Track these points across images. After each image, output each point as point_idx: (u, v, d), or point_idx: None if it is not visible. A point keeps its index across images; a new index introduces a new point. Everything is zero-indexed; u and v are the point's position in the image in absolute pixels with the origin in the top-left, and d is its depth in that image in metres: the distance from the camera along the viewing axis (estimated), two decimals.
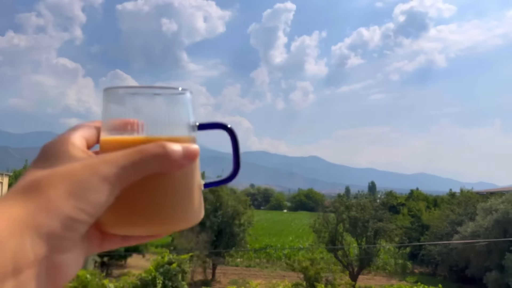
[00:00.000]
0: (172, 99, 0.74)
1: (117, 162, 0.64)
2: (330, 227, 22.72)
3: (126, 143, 0.70)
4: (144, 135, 0.71)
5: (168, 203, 0.71)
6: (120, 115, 0.72)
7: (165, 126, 0.72)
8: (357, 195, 25.08)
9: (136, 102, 0.72)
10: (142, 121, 0.71)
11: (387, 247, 24.35)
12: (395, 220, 24.03)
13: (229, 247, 24.34)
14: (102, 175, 0.62)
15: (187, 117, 0.75)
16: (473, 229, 22.56)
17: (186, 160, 0.69)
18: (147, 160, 0.65)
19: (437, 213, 29.27)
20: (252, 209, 26.61)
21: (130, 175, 0.64)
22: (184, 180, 0.73)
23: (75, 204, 0.60)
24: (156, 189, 0.70)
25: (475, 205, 25.60)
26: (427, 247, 26.56)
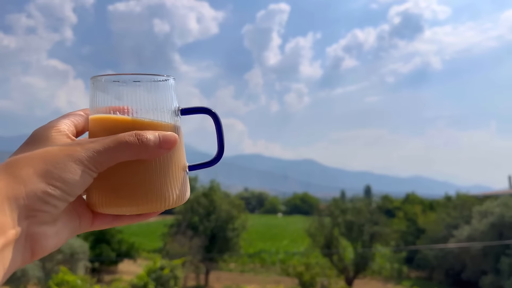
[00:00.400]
0: (153, 85, 0.78)
1: (93, 147, 0.70)
2: (325, 231, 22.54)
3: (113, 122, 0.76)
4: (129, 117, 0.77)
5: (148, 184, 0.75)
6: (106, 102, 0.77)
7: (147, 112, 0.77)
8: (353, 199, 24.97)
9: (119, 89, 0.77)
10: (128, 107, 0.77)
11: (382, 251, 24.19)
12: (391, 224, 23.91)
13: (222, 252, 24.02)
14: (76, 157, 0.69)
15: (169, 103, 0.80)
16: (468, 233, 22.57)
17: (162, 148, 0.74)
18: (121, 148, 0.71)
19: (433, 216, 29.16)
20: (246, 213, 26.35)
21: (105, 160, 0.71)
22: (163, 163, 0.77)
23: (49, 181, 0.67)
24: (137, 172, 0.75)
25: (471, 208, 25.57)
26: (423, 251, 26.46)
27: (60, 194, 0.67)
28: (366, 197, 27.31)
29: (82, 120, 0.81)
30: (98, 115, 0.78)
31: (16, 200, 0.64)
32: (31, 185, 0.65)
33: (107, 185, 0.75)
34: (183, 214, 24.76)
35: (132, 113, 0.77)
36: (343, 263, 22.37)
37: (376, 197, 27.06)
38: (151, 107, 0.77)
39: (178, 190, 0.79)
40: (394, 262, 29.06)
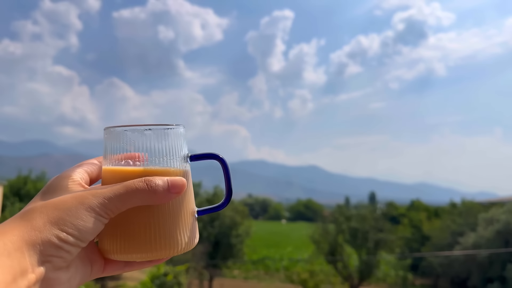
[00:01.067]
0: (164, 133, 0.83)
1: (103, 194, 0.75)
2: (330, 238, 22.42)
3: (125, 173, 0.81)
4: (141, 167, 0.82)
5: (158, 230, 0.79)
6: (118, 151, 0.84)
7: (158, 158, 0.83)
8: (357, 206, 24.83)
9: (131, 138, 0.83)
10: (139, 154, 0.83)
11: (387, 258, 24.01)
12: (396, 231, 23.73)
13: (226, 258, 23.93)
14: (88, 204, 0.74)
15: (179, 150, 0.84)
16: (474, 240, 22.42)
17: (170, 194, 0.79)
18: (131, 194, 0.76)
19: (438, 223, 28.96)
20: (249, 220, 26.26)
21: (115, 207, 0.75)
22: (172, 209, 0.81)
23: (63, 228, 0.73)
24: (146, 218, 0.79)
25: (476, 215, 25.42)
26: (428, 258, 26.26)
27: (73, 240, 0.73)
28: (370, 203, 27.17)
29: (95, 169, 0.87)
30: (110, 166, 0.83)
31: (33, 246, 0.71)
32: (45, 232, 0.72)
33: (118, 232, 0.78)
34: None
35: (144, 160, 0.82)
36: (348, 270, 22.21)
37: (380, 204, 26.90)
38: (162, 154, 0.82)
39: (188, 236, 0.84)
40: (399, 270, 28.81)
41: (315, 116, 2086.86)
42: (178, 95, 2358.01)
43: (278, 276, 30.01)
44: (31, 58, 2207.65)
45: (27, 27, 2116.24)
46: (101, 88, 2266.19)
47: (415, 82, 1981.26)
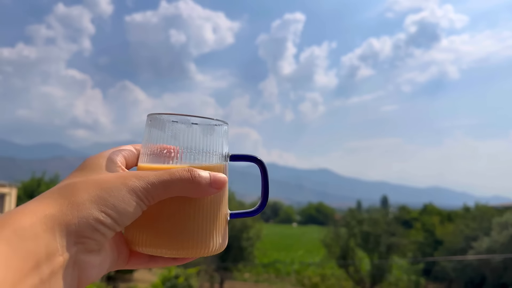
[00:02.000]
0: (209, 129, 0.81)
1: (147, 179, 0.72)
2: (341, 242, 22.30)
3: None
4: (178, 163, 0.79)
5: (191, 228, 0.76)
6: (160, 140, 0.80)
7: (200, 154, 0.80)
8: (369, 209, 24.63)
9: (175, 129, 0.80)
10: (178, 148, 0.80)
11: (399, 262, 23.80)
12: (408, 235, 23.50)
13: (237, 261, 23.91)
14: (131, 186, 0.70)
15: (221, 147, 0.82)
16: (488, 245, 22.13)
17: (212, 187, 0.76)
18: (175, 181, 0.73)
19: (451, 228, 28.61)
20: (260, 223, 26.20)
21: (158, 192, 0.72)
22: (209, 207, 0.78)
23: (103, 208, 0.68)
24: (181, 213, 0.76)
25: (490, 219, 25.10)
26: (441, 263, 25.96)
27: (110, 222, 0.68)
28: (382, 207, 26.95)
29: (132, 155, 0.83)
30: (147, 164, 0.80)
31: (67, 226, 0.66)
32: (84, 211, 0.66)
33: (149, 222, 0.75)
34: None
35: (182, 156, 0.79)
36: (359, 275, 22.05)
37: (393, 208, 26.68)
38: (204, 150, 0.80)
39: (221, 238, 0.79)
40: (412, 274, 28.47)
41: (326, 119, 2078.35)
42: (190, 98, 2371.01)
43: (289, 279, 29.90)
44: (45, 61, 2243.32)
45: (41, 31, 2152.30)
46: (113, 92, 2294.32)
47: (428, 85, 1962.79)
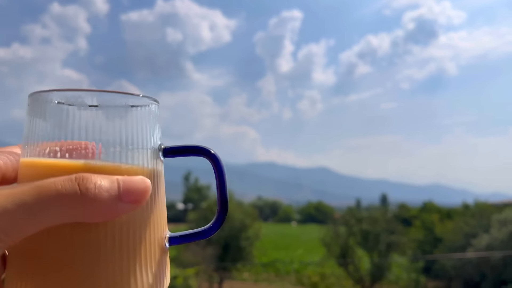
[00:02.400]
0: (121, 112, 0.49)
1: (4, 206, 0.40)
2: (341, 241, 22.39)
3: (53, 170, 0.46)
4: (80, 161, 0.47)
5: (100, 270, 0.45)
6: (46, 136, 0.49)
7: (110, 151, 0.49)
8: (369, 208, 24.75)
9: (67, 115, 0.48)
10: (86, 144, 0.49)
11: (399, 260, 23.90)
12: (408, 233, 23.61)
13: (236, 261, 23.98)
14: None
15: (145, 139, 0.51)
16: (487, 242, 22.27)
17: (124, 201, 0.44)
18: (49, 203, 0.40)
19: (451, 225, 28.71)
20: (259, 222, 26.27)
21: (17, 229, 0.40)
22: (126, 234, 0.46)
23: None
24: (80, 248, 0.44)
25: (490, 216, 25.21)
26: (440, 260, 26.05)
27: None
28: (382, 205, 27.05)
29: (12, 162, 0.53)
30: (31, 158, 0.48)
31: None
32: None
33: (29, 268, 0.45)
34: (196, 223, 24.79)
35: (93, 152, 0.48)
36: (359, 273, 22.13)
37: (392, 206, 26.76)
38: (117, 144, 0.48)
39: (152, 278, 0.48)
40: (411, 272, 28.50)
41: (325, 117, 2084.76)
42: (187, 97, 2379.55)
43: (289, 279, 29.91)
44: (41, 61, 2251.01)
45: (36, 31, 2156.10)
46: None
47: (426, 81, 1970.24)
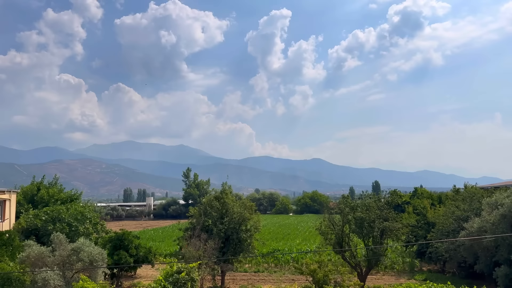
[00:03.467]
0: None
1: None
2: (337, 229, 22.73)
3: None
4: None
5: None
6: None
7: None
8: (362, 196, 25.03)
9: None
10: None
11: (394, 246, 24.30)
12: (401, 218, 23.98)
13: (236, 253, 24.40)
14: None
15: None
16: (479, 225, 22.36)
17: None
18: None
19: (442, 210, 29.28)
20: (258, 214, 26.70)
21: None
22: None
23: None
24: None
25: (480, 200, 25.54)
26: (434, 244, 26.54)
27: None
28: (374, 193, 27.46)
29: None
30: None
31: None
32: None
33: None
34: (197, 218, 25.25)
35: None
36: (355, 260, 22.58)
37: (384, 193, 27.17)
38: None
39: None
40: (406, 257, 29.20)
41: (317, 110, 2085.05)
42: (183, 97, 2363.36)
43: (288, 268, 30.56)
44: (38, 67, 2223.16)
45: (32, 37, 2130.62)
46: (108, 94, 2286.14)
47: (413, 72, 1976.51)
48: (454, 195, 32.10)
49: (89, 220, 26.94)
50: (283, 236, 47.86)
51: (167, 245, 39.02)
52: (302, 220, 74.80)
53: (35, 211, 27.09)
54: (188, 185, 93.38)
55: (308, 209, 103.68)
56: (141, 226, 70.46)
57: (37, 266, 17.56)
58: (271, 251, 34.78)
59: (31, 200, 31.31)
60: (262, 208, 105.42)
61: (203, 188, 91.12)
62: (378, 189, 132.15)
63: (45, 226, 24.58)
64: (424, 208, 33.17)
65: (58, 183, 35.18)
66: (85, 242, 18.97)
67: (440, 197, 38.78)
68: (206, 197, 29.46)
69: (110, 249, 24.23)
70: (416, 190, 45.90)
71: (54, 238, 18.61)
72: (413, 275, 27.61)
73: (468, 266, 24.61)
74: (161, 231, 56.64)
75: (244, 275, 28.73)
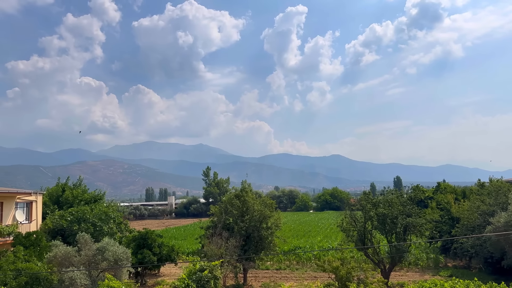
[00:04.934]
0: None
1: None
2: (358, 226, 22.53)
3: None
4: None
5: None
6: None
7: None
8: (383, 191, 24.70)
9: None
10: None
11: (417, 242, 23.98)
12: (424, 214, 23.57)
13: (258, 251, 24.45)
14: None
15: None
16: (506, 219, 21.76)
17: None
18: None
19: (467, 205, 28.63)
20: (278, 212, 26.69)
21: None
22: None
23: None
24: None
25: (507, 194, 24.93)
26: (459, 240, 26.06)
27: None
28: (396, 188, 27.05)
29: None
30: None
31: None
32: None
33: None
34: (218, 216, 25.41)
35: None
36: (379, 256, 22.35)
37: (407, 188, 26.72)
38: None
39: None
40: (430, 253, 28.60)
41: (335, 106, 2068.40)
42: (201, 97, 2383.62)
43: (310, 265, 30.44)
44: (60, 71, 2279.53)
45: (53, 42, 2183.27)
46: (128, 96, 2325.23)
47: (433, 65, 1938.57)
48: (479, 189, 31.35)
49: (113, 220, 27.39)
50: (304, 234, 47.68)
51: (189, 243, 39.39)
52: (323, 217, 74.37)
53: (60, 212, 27.71)
54: (208, 184, 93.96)
55: (328, 206, 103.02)
56: (163, 225, 71.29)
57: (64, 265, 17.98)
58: (292, 248, 34.72)
59: (57, 201, 32.02)
60: (282, 205, 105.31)
61: (223, 186, 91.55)
62: (400, 184, 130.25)
63: (71, 227, 25.12)
64: (448, 203, 32.53)
65: (82, 184, 35.91)
66: (110, 241, 19.32)
67: (464, 192, 37.90)
68: (226, 196, 29.60)
69: (134, 248, 24.60)
70: (439, 184, 44.96)
71: (80, 238, 19.00)
72: (438, 271, 27.15)
73: (495, 262, 24.06)
74: (183, 230, 57.18)
75: (266, 272, 28.78)
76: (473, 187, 38.11)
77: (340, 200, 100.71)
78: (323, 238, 41.64)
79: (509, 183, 29.62)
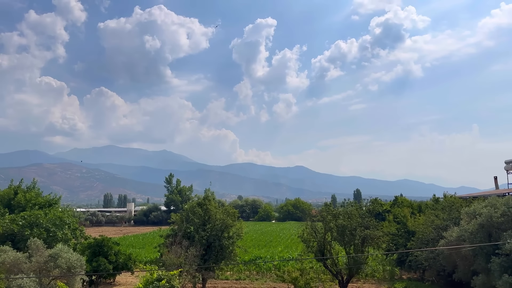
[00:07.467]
0: None
1: None
2: (319, 237, 22.80)
3: None
4: None
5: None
6: None
7: None
8: (344, 203, 25.17)
9: None
10: None
11: (374, 254, 24.52)
12: (382, 227, 24.18)
13: (218, 260, 24.20)
14: None
15: None
16: (458, 234, 22.60)
17: None
18: None
19: (422, 219, 29.62)
20: (241, 221, 26.57)
21: None
22: None
23: None
24: None
25: (459, 209, 25.90)
26: (414, 253, 26.80)
27: None
28: (355, 201, 27.64)
29: None
30: None
31: None
32: None
33: None
34: (179, 225, 24.98)
35: None
36: (337, 268, 22.66)
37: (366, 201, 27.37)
38: None
39: None
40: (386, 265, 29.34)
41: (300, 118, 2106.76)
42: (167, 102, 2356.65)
43: (270, 275, 30.45)
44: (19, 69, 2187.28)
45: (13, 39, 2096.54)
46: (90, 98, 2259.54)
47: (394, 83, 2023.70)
48: (434, 204, 32.54)
49: (68, 226, 26.39)
50: (265, 244, 47.72)
51: (147, 252, 38.47)
52: (285, 227, 74.81)
53: (11, 216, 26.39)
54: (170, 191, 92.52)
55: (290, 217, 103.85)
56: (121, 232, 69.38)
57: (13, 272, 17.10)
58: (253, 258, 34.62)
59: (8, 205, 30.49)
60: (245, 215, 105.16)
61: (186, 194, 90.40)
62: (359, 197, 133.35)
63: (22, 232, 23.96)
64: (405, 216, 33.53)
65: (36, 187, 34.37)
66: (63, 248, 18.57)
67: (420, 206, 39.25)
68: (188, 204, 29.21)
69: (89, 255, 23.76)
70: (396, 198, 46.38)
71: (31, 244, 18.17)
72: (393, 283, 27.84)
73: (447, 275, 24.90)
74: (141, 238, 55.83)
75: (226, 282, 28.51)
76: (428, 202, 39.53)
77: (302, 211, 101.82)
78: (284, 248, 41.82)
79: (462, 199, 30.91)
